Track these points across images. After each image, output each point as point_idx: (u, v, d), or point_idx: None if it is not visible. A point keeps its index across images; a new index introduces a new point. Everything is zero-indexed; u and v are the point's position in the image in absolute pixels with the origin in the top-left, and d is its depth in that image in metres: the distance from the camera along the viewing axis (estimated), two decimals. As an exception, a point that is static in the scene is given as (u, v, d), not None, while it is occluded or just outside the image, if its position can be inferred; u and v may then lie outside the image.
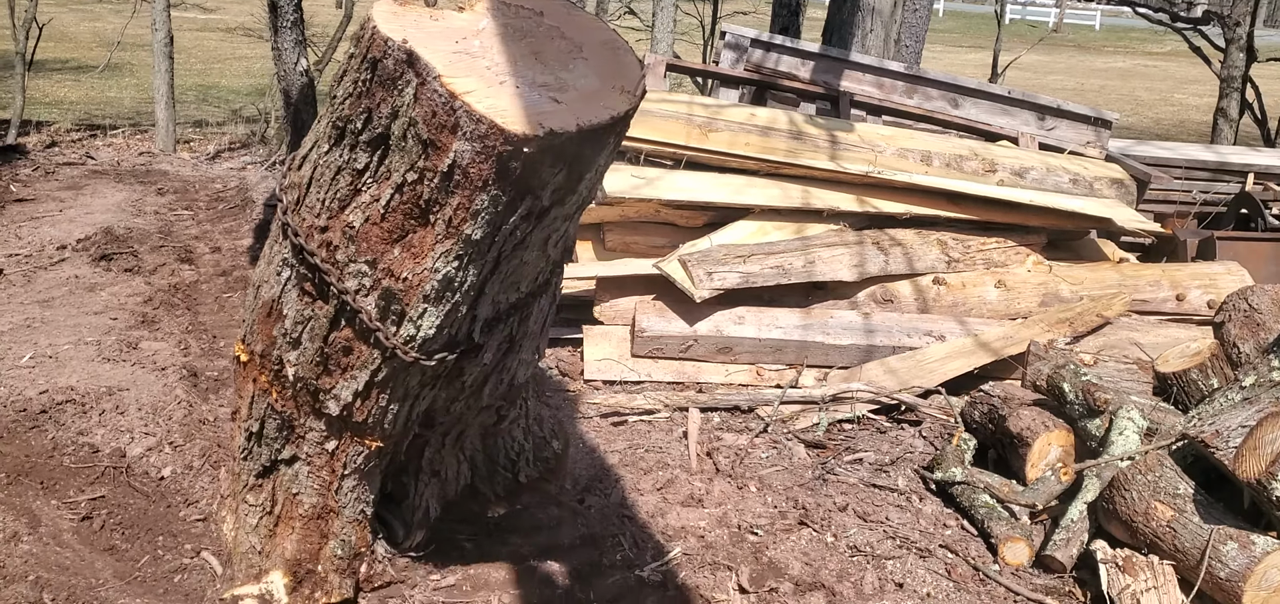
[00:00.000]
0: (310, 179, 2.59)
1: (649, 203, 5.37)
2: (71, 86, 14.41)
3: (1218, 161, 7.14)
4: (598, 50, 2.55)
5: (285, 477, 3.03)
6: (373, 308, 2.56)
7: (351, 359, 2.68)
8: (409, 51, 2.25)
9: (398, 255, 2.49)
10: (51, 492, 3.86)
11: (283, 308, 2.72)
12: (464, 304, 2.57)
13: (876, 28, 7.18)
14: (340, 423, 2.83)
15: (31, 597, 3.18)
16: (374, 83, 2.34)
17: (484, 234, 2.41)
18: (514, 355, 2.97)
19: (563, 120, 2.26)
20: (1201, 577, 3.11)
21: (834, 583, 3.38)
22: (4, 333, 5.34)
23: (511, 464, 3.53)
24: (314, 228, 2.57)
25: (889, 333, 5.11)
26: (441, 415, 3.03)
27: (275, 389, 2.87)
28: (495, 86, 2.29)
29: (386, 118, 2.35)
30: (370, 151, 2.43)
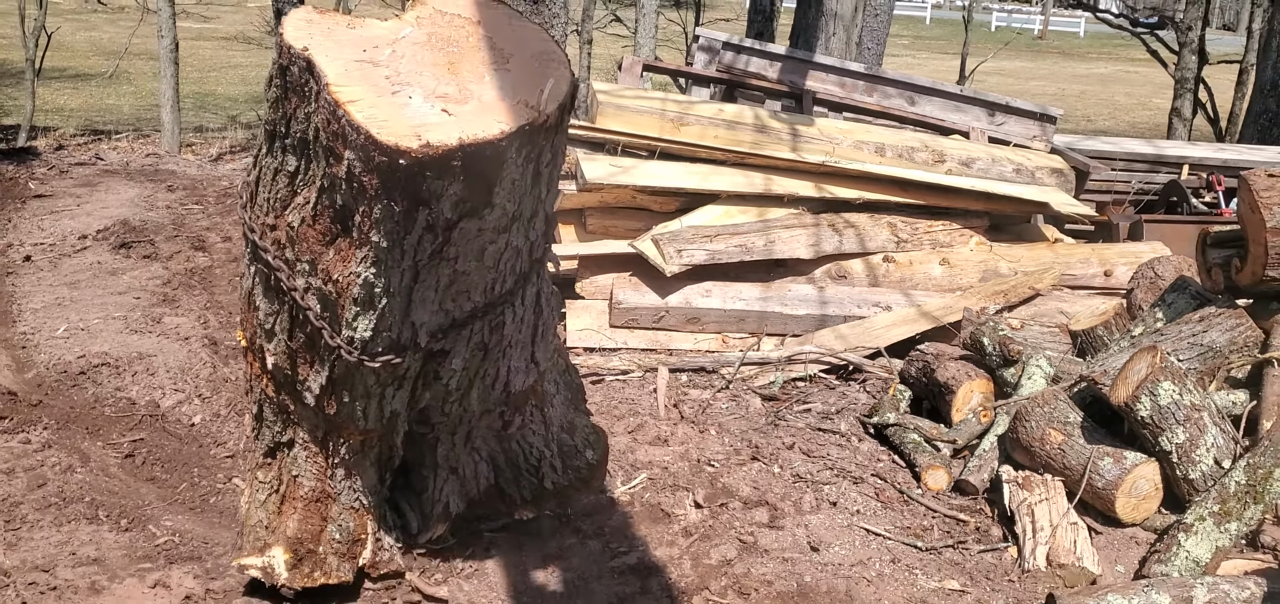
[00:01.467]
0: (258, 179, 2.65)
1: (625, 189, 5.92)
2: (71, 94, 14.84)
3: (1155, 154, 7.73)
4: (525, 62, 2.50)
5: (287, 459, 3.11)
6: (317, 307, 2.61)
7: (313, 354, 2.73)
8: (308, 59, 2.27)
9: (331, 257, 2.52)
10: (96, 435, 4.41)
11: (255, 300, 2.79)
12: (393, 310, 2.57)
13: (838, 31, 7.76)
14: (318, 414, 2.88)
15: (89, 515, 3.73)
16: (287, 89, 2.38)
17: (391, 243, 2.41)
18: (495, 362, 2.96)
19: (443, 134, 2.23)
20: (1083, 487, 3.67)
21: (777, 501, 3.94)
22: (38, 310, 5.87)
23: (535, 469, 3.51)
24: (265, 226, 2.62)
25: (841, 304, 5.68)
26: (437, 415, 3.06)
27: (264, 377, 2.94)
28: (385, 97, 2.29)
29: (302, 123, 2.40)
30: (297, 155, 2.48)
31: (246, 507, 3.26)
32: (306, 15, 2.44)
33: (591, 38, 13.05)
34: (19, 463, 4.03)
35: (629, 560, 3.56)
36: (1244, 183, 3.98)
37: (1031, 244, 6.36)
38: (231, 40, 22.88)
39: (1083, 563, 3.47)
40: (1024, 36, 43.84)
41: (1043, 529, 3.59)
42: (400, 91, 2.32)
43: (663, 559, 3.59)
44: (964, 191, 6.18)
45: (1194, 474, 3.60)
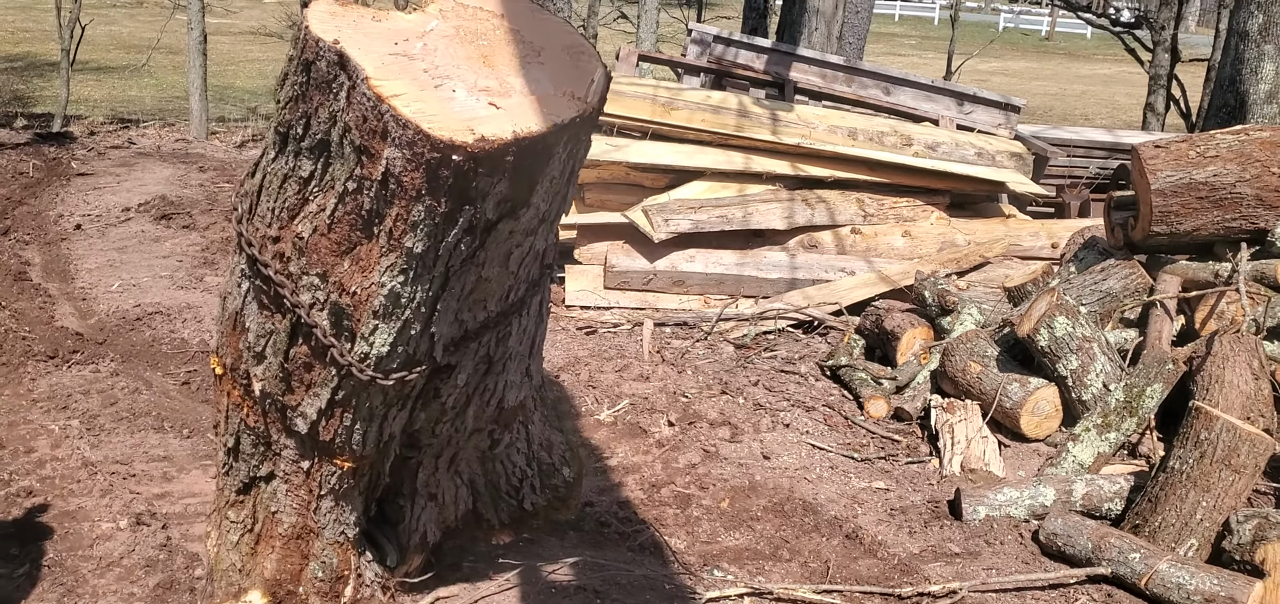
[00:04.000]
0: (260, 187, 2.48)
1: (619, 166, 6.60)
2: (95, 86, 15.48)
3: (1112, 142, 8.38)
4: (558, 55, 2.44)
5: (264, 494, 2.91)
6: (326, 323, 2.45)
7: (313, 376, 2.57)
8: (340, 53, 2.16)
9: (347, 268, 2.37)
10: (156, 367, 5.12)
11: (245, 320, 2.62)
12: (416, 321, 2.45)
13: (820, 26, 8.43)
14: (310, 441, 2.71)
15: (156, 425, 4.43)
16: (309, 86, 2.25)
17: (426, 247, 2.29)
18: (496, 377, 2.88)
19: (497, 127, 2.14)
20: (994, 408, 4.35)
21: (738, 423, 4.62)
22: (93, 270, 6.60)
23: (515, 490, 3.40)
24: (267, 238, 2.46)
25: (810, 269, 6.35)
26: (427, 436, 2.93)
27: (247, 405, 2.74)
28: (428, 90, 2.19)
29: (325, 123, 2.25)
30: (314, 158, 2.32)
31: (214, 551, 3.08)
32: (330, 7, 2.32)
33: (596, 32, 13.75)
34: (92, 386, 4.75)
35: (611, 463, 4.25)
36: (1136, 152, 4.64)
37: (987, 219, 7.02)
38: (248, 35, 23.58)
39: (990, 468, 4.14)
40: (1031, 37, 44.38)
41: (959, 443, 4.26)
42: (442, 85, 2.22)
43: (639, 462, 4.28)
44: (926, 171, 6.85)
45: (1086, 396, 4.26)
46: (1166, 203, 4.64)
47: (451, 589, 3.13)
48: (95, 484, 3.86)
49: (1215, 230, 4.71)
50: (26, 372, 4.83)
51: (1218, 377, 3.75)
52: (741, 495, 4.03)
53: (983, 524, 3.78)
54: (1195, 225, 4.69)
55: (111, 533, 3.53)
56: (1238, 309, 4.44)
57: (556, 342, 5.55)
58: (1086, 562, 3.47)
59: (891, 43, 34.23)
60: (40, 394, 4.60)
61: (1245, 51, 7.92)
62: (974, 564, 3.60)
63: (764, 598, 3.26)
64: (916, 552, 3.69)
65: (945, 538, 3.77)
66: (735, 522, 3.86)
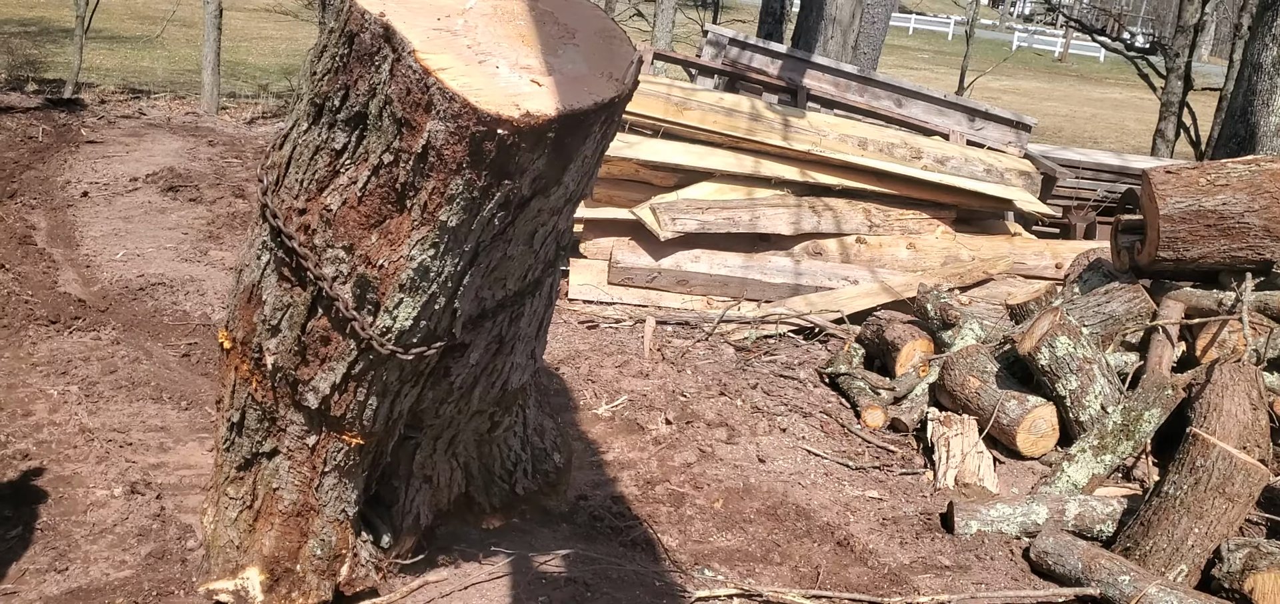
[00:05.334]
0: (289, 159, 2.51)
1: (630, 162, 6.61)
2: (107, 54, 15.47)
3: (1120, 165, 8.37)
4: (591, 38, 2.49)
5: (266, 470, 2.91)
6: (349, 296, 2.48)
7: (329, 349, 2.59)
8: (386, 25, 2.19)
9: (375, 241, 2.40)
10: (157, 338, 5.12)
11: (262, 293, 2.63)
12: (442, 296, 2.49)
13: (836, 35, 8.43)
14: (319, 416, 2.72)
15: (154, 395, 4.44)
16: (351, 58, 2.28)
17: (460, 221, 2.33)
18: (505, 357, 2.91)
19: (541, 103, 2.20)
20: (990, 423, 4.34)
21: (736, 425, 4.63)
22: (98, 238, 6.61)
23: (509, 475, 3.42)
24: (292, 210, 2.49)
25: (814, 276, 6.35)
26: (430, 417, 2.95)
27: (256, 378, 2.75)
28: (473, 65, 2.24)
29: (364, 95, 2.29)
30: (348, 131, 2.35)
31: (211, 527, 3.09)
32: None
33: (617, 28, 13.75)
34: (93, 354, 4.75)
35: (608, 457, 4.25)
36: (1146, 177, 4.64)
37: (993, 236, 7.02)
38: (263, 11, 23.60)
39: (984, 483, 4.14)
40: (1044, 58, 44.36)
41: (954, 456, 4.26)
42: (486, 61, 2.27)
43: (635, 459, 4.28)
44: (933, 185, 6.85)
45: (1084, 417, 4.26)
46: (1174, 228, 4.64)
47: (441, 574, 3.14)
48: (91, 451, 3.86)
49: (1221, 259, 4.71)
50: (28, 335, 4.83)
51: (1216, 405, 3.75)
52: (735, 497, 4.04)
53: (974, 538, 3.79)
54: (1202, 253, 4.69)
55: (106, 500, 3.53)
56: (1239, 339, 4.44)
57: (558, 334, 5.55)
58: (1076, 582, 3.48)
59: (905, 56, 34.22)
60: (40, 358, 4.61)
61: (1258, 82, 7.91)
62: (963, 578, 3.60)
63: (753, 600, 3.27)
64: (907, 562, 3.69)
65: (936, 550, 3.77)
66: (728, 523, 3.86)
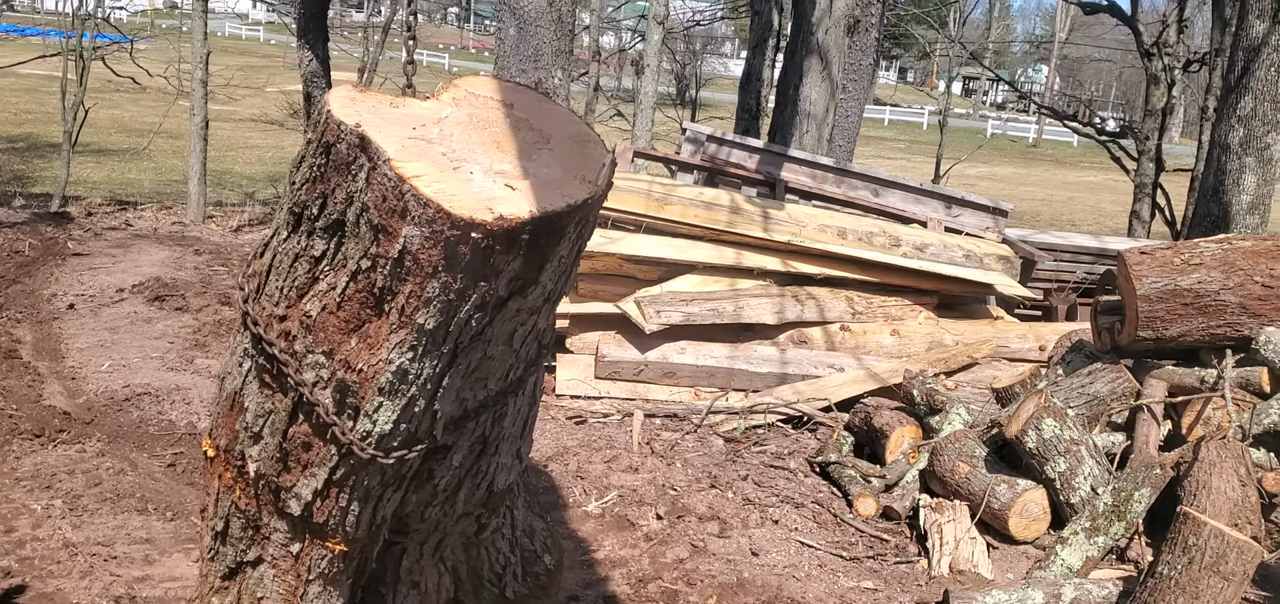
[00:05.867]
0: (270, 267, 2.55)
1: (613, 257, 6.66)
2: (95, 168, 15.58)
3: (1098, 247, 8.49)
4: (565, 142, 2.55)
5: (251, 580, 2.88)
6: (329, 401, 2.50)
7: (311, 455, 2.59)
8: (361, 135, 2.25)
9: (354, 346, 2.43)
10: (142, 448, 5.09)
11: (244, 400, 2.65)
12: (421, 398, 2.50)
13: (811, 129, 8.58)
14: (302, 523, 2.71)
15: (139, 507, 4.40)
16: (328, 167, 2.34)
17: (437, 323, 2.36)
18: (489, 458, 2.91)
19: (515, 207, 2.25)
20: (982, 508, 4.34)
21: (727, 518, 4.61)
22: (83, 349, 6.59)
23: (498, 578, 3.36)
24: (273, 317, 2.53)
25: (800, 365, 6.38)
26: (416, 521, 2.93)
27: (239, 486, 2.75)
28: (448, 172, 2.29)
29: (341, 203, 2.34)
30: (326, 238, 2.40)
31: None
32: (350, 93, 2.43)
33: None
34: (77, 466, 4.72)
35: (598, 556, 4.22)
36: (1121, 258, 4.71)
37: (975, 320, 7.08)
38: (249, 122, 23.85)
39: (978, 569, 4.12)
40: (1019, 144, 45.14)
41: (948, 543, 4.25)
42: (460, 167, 2.33)
43: (626, 556, 4.25)
44: (913, 271, 6.93)
45: (1074, 499, 4.27)
46: (1152, 308, 4.70)
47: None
48: (75, 566, 3.82)
49: (1200, 336, 4.76)
50: (11, 450, 4.80)
51: (1205, 483, 3.76)
52: (729, 592, 4.01)
53: (971, 626, 3.76)
54: (1181, 331, 4.75)
55: (90, 616, 3.49)
56: (1224, 415, 4.48)
57: (546, 430, 5.54)
58: (1075, 666, 3.45)
59: (881, 146, 34.75)
60: (24, 473, 4.57)
61: (1227, 163, 8.09)
62: (962, 666, 3.57)
63: (750, 696, 3.23)
64: (904, 652, 3.66)
65: (933, 639, 3.74)
66: (723, 618, 3.83)
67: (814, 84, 8.80)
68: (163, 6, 48.93)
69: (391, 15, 16.46)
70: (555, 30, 7.22)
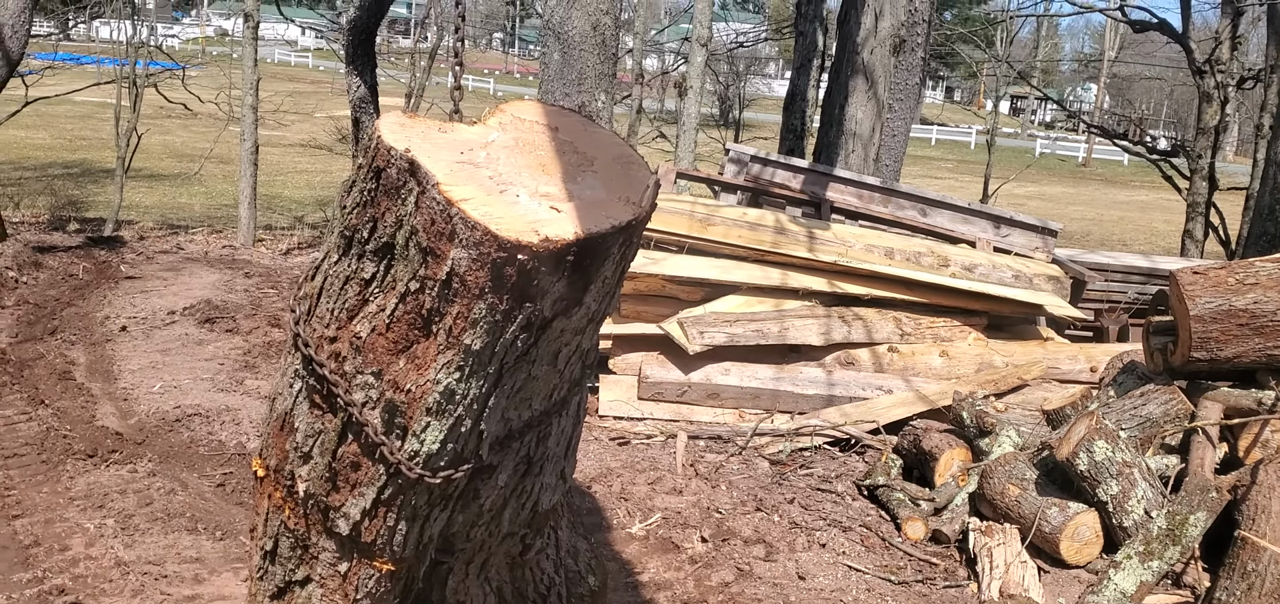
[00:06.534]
0: (321, 289, 2.59)
1: (656, 278, 6.66)
2: (146, 192, 15.87)
3: (1149, 267, 8.34)
4: (609, 164, 2.59)
5: (299, 599, 2.91)
6: (378, 421, 2.54)
7: (359, 475, 2.63)
8: (411, 161, 2.29)
9: (402, 366, 2.46)
10: (192, 468, 5.16)
11: (294, 421, 2.69)
12: (468, 418, 2.54)
13: (857, 149, 8.53)
14: (350, 543, 2.75)
15: (190, 527, 4.45)
16: (378, 192, 2.38)
17: (484, 344, 2.39)
18: (533, 478, 2.94)
19: (560, 229, 2.28)
20: (1032, 532, 4.26)
21: (773, 541, 4.57)
22: (135, 371, 6.70)
23: (542, 599, 3.40)
24: (324, 338, 2.57)
25: (847, 386, 6.32)
26: (461, 541, 2.96)
27: (288, 506, 2.79)
28: (494, 195, 2.33)
29: (391, 226, 2.38)
30: (376, 261, 2.44)
31: None
32: (399, 119, 2.49)
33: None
34: (129, 486, 4.79)
35: (643, 578, 4.20)
36: (1174, 278, 4.62)
37: (1025, 342, 6.97)
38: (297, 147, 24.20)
39: (1029, 594, 4.05)
40: (1068, 163, 44.58)
41: (998, 567, 4.18)
42: (506, 190, 2.37)
43: (671, 579, 4.22)
44: (962, 291, 6.84)
45: (1127, 522, 4.18)
46: (1206, 329, 4.60)
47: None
48: (127, 584, 3.87)
49: (1257, 357, 4.65)
50: (66, 470, 4.88)
51: (1264, 506, 3.67)
52: (775, 616, 3.97)
53: (1023, 652, 3.69)
54: (1236, 352, 4.64)
55: (141, 633, 3.53)
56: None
57: (589, 451, 5.54)
58: (1131, 695, 3.37)
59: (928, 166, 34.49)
60: (77, 492, 4.64)
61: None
62: (1014, 694, 3.50)
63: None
64: (954, 679, 3.60)
65: (984, 665, 3.67)
66: (768, 642, 3.79)
67: (860, 103, 8.76)
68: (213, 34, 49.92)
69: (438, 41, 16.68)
70: (598, 54, 7.25)
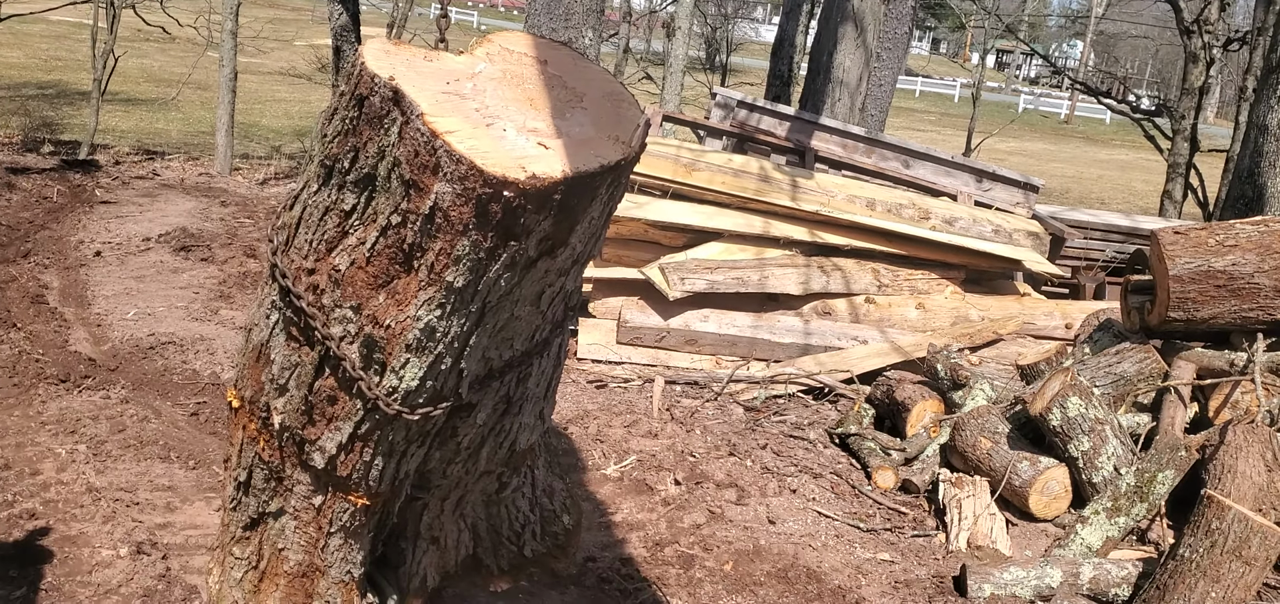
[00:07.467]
0: (299, 219, 2.53)
1: (638, 222, 6.63)
2: (123, 116, 15.63)
3: (1128, 226, 8.38)
4: (599, 101, 2.51)
5: (272, 530, 2.90)
6: (356, 356, 2.49)
7: (336, 409, 2.59)
8: (395, 89, 2.21)
9: (382, 301, 2.40)
10: (166, 396, 5.13)
11: (270, 353, 2.64)
12: (448, 356, 2.49)
13: (844, 98, 8.49)
14: (326, 476, 2.72)
15: (162, 455, 4.43)
16: (361, 121, 2.30)
17: (466, 282, 2.33)
18: (512, 418, 2.91)
19: (547, 166, 2.20)
20: (1002, 484, 4.31)
21: (745, 486, 4.59)
22: (109, 297, 6.64)
23: (517, 536, 3.40)
24: (301, 270, 2.50)
25: (823, 336, 6.34)
26: (438, 477, 2.94)
27: (263, 438, 2.76)
28: (481, 128, 2.25)
29: (373, 157, 2.31)
30: (357, 192, 2.37)
31: (216, 587, 3.06)
32: (384, 46, 2.40)
33: (626, 90, 13.91)
34: (102, 412, 4.75)
35: (616, 518, 4.22)
36: (1155, 237, 4.64)
37: (1002, 296, 7.00)
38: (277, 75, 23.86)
39: (997, 546, 4.09)
40: (1051, 120, 44.54)
41: (966, 518, 4.22)
42: (494, 124, 2.29)
43: (643, 520, 4.25)
44: (941, 244, 6.85)
45: (1097, 478, 4.23)
46: (1184, 289, 4.63)
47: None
48: (98, 510, 3.85)
49: (1232, 319, 4.69)
50: (37, 394, 4.84)
51: (1231, 466, 3.72)
52: (745, 559, 4.00)
53: (987, 602, 3.74)
54: (1212, 313, 4.67)
55: (111, 560, 3.51)
56: (1253, 400, 4.41)
57: (566, 393, 5.54)
58: (1092, 647, 3.43)
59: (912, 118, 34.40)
60: (49, 417, 4.61)
61: (1265, 144, 7.93)
62: (978, 642, 3.55)
63: (764, 664, 3.22)
64: (920, 626, 3.65)
65: (950, 614, 3.72)
66: (738, 586, 3.82)
67: (848, 52, 8.70)
68: (195, -43, 48.89)
69: (422, -29, 16.39)
70: (586, -10, 7.15)
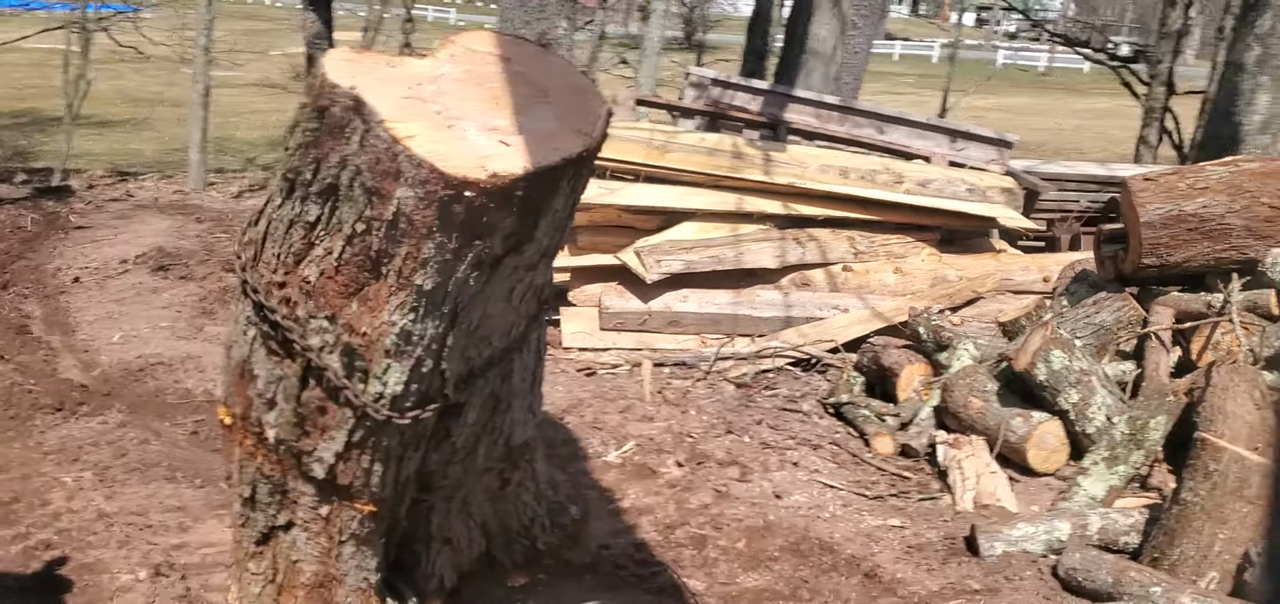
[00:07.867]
0: (265, 234, 2.54)
1: (612, 209, 6.67)
2: (96, 139, 15.49)
3: (1104, 175, 8.47)
4: (563, 94, 2.53)
5: (284, 543, 2.92)
6: (338, 364, 2.50)
7: (327, 418, 2.61)
8: (356, 98, 2.22)
9: (356, 309, 2.43)
10: (163, 417, 5.15)
11: (253, 368, 2.65)
12: (428, 358, 2.51)
13: (819, 67, 8.54)
14: (328, 486, 2.74)
15: (168, 475, 4.46)
16: (322, 131, 2.31)
17: (435, 284, 2.36)
18: (503, 414, 2.95)
19: (508, 163, 2.23)
20: (999, 443, 4.39)
21: (747, 462, 4.67)
22: (93, 322, 6.64)
23: (527, 530, 3.45)
24: (272, 284, 2.52)
25: (804, 307, 6.42)
26: (439, 479, 2.98)
27: (261, 452, 2.77)
28: (441, 131, 2.27)
29: (335, 167, 2.32)
30: (321, 203, 2.38)
31: (238, 602, 3.08)
32: (347, 55, 2.40)
33: (596, 79, 13.90)
34: (102, 438, 4.78)
35: (624, 504, 4.29)
36: (1125, 185, 4.72)
37: (978, 255, 7.09)
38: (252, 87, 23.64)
39: (1002, 503, 4.18)
40: (1030, 74, 44.61)
41: (969, 478, 4.30)
42: (455, 125, 2.31)
43: (651, 504, 4.31)
44: (915, 208, 6.94)
45: (1090, 429, 4.31)
46: (1156, 235, 4.71)
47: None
48: (112, 535, 3.88)
49: (1206, 261, 4.78)
50: (35, 424, 4.85)
51: (1220, 407, 3.79)
52: (757, 535, 4.06)
53: (1001, 560, 3.80)
54: (1185, 257, 4.76)
55: (131, 585, 3.55)
56: (1233, 340, 4.51)
57: (557, 384, 5.59)
58: (1108, 596, 3.48)
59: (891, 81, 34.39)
60: (50, 446, 4.62)
61: (1241, 82, 7.97)
62: (996, 601, 3.62)
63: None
64: (936, 589, 3.71)
65: (964, 575, 3.79)
66: (753, 562, 3.88)
67: (823, 21, 8.74)
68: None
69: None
70: (559, -21, 7.16)
